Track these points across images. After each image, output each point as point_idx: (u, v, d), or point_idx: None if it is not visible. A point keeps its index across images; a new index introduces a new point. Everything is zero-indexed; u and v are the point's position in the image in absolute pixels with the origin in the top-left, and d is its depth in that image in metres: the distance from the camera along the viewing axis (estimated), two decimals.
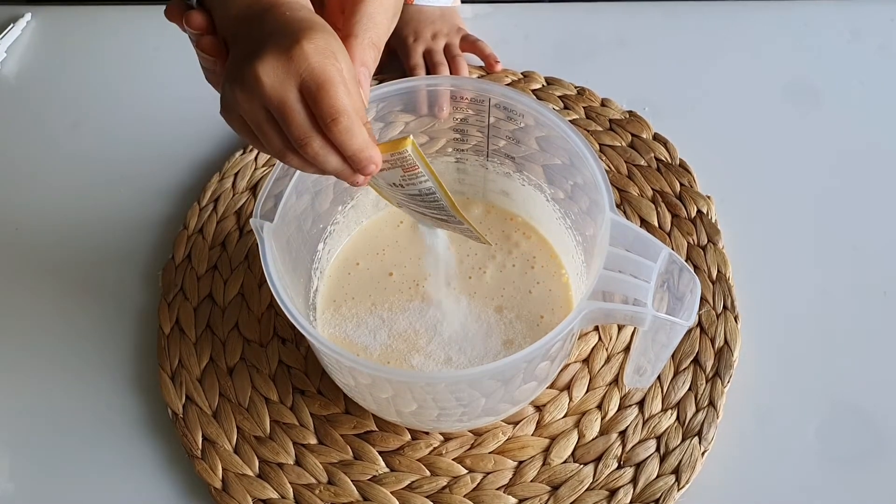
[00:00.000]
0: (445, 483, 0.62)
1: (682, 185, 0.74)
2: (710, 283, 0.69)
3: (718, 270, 0.69)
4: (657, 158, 0.75)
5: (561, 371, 0.65)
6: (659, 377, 0.65)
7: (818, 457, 0.63)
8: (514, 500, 0.61)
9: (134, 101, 0.83)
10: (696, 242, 0.71)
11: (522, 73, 0.82)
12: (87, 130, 0.82)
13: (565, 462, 0.63)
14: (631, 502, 0.61)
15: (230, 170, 0.76)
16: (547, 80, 0.81)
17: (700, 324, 0.67)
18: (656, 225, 0.72)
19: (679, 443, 0.63)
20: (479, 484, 0.62)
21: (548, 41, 0.85)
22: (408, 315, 0.64)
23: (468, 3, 0.89)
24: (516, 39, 0.85)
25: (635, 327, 0.63)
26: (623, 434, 0.63)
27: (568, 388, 0.65)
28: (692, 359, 0.66)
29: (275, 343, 0.68)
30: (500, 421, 0.64)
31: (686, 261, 0.69)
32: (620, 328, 0.68)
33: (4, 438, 0.67)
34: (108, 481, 0.65)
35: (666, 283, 0.52)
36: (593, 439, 0.63)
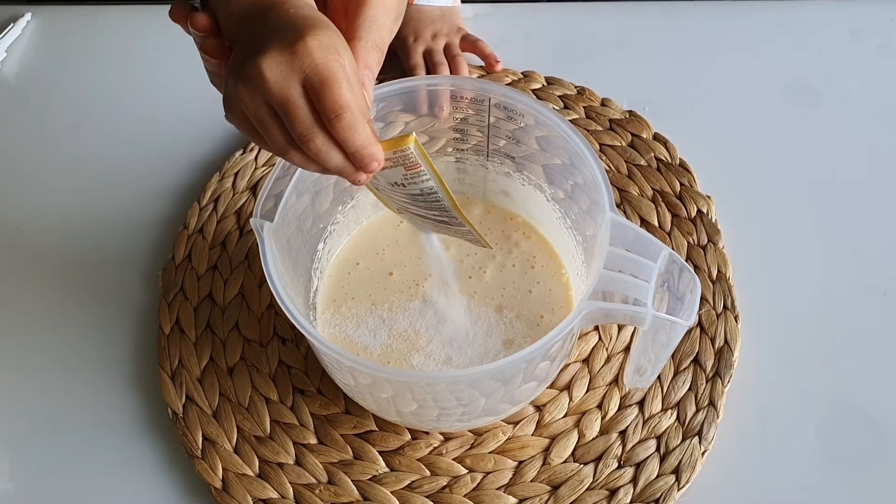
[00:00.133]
0: (445, 483, 0.62)
1: (682, 184, 0.74)
2: (710, 283, 0.69)
3: (718, 270, 0.69)
4: (657, 158, 0.75)
5: (561, 371, 0.65)
6: (659, 377, 0.65)
7: (818, 457, 0.63)
8: (514, 500, 0.61)
9: (134, 101, 0.83)
10: (696, 242, 0.71)
11: (522, 73, 0.82)
12: (87, 130, 0.82)
13: (565, 462, 0.63)
14: (631, 502, 0.61)
15: (230, 170, 0.76)
16: (547, 79, 0.81)
17: (700, 324, 0.67)
18: (656, 225, 0.72)
19: (679, 443, 0.63)
20: (479, 484, 0.62)
21: (548, 41, 0.85)
22: (408, 315, 0.64)
23: (468, 2, 0.89)
24: (516, 39, 0.85)
25: (635, 327, 0.63)
26: (623, 434, 0.63)
27: (568, 388, 0.65)
28: (692, 359, 0.66)
29: (275, 343, 0.68)
30: (500, 421, 0.64)
31: (686, 261, 0.69)
32: (620, 328, 0.68)
33: (4, 438, 0.67)
34: (108, 481, 0.65)
35: (666, 283, 0.52)
36: (593, 439, 0.63)
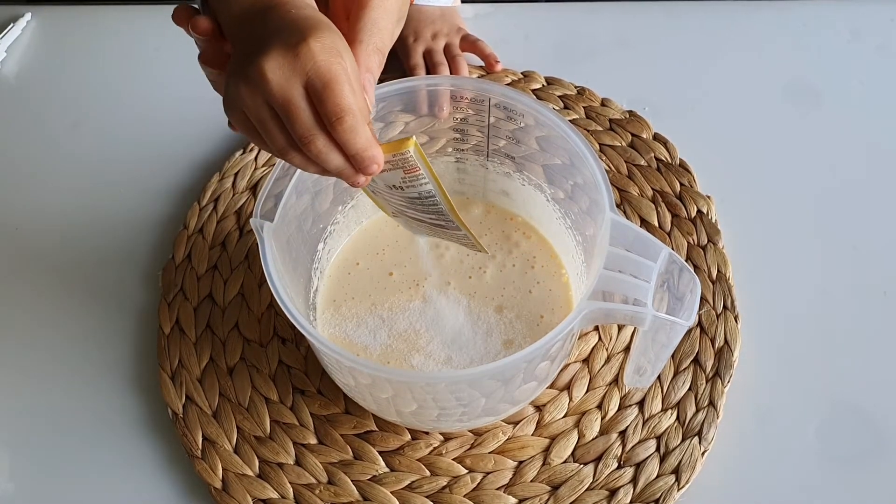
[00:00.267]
0: (445, 483, 0.62)
1: (682, 185, 0.74)
2: (710, 283, 0.69)
3: (718, 270, 0.69)
4: (657, 158, 0.75)
5: (561, 371, 0.65)
6: (659, 377, 0.65)
7: (818, 457, 0.63)
8: (514, 500, 0.61)
9: (134, 102, 0.83)
10: (696, 242, 0.71)
11: (522, 73, 0.82)
12: (87, 130, 0.82)
13: (565, 462, 0.63)
14: (631, 502, 0.61)
15: (230, 170, 0.76)
16: (547, 80, 0.81)
17: (700, 324, 0.67)
18: (656, 225, 0.72)
19: (679, 443, 0.63)
20: (479, 484, 0.62)
21: (548, 41, 0.85)
22: (408, 315, 0.64)
23: (468, 2, 0.89)
24: (516, 39, 0.85)
25: (635, 327, 0.63)
26: (623, 434, 0.63)
27: (568, 388, 0.65)
28: (692, 359, 0.66)
29: (275, 343, 0.68)
30: (500, 421, 0.64)
31: (686, 261, 0.69)
32: (620, 328, 0.68)
33: (4, 438, 0.67)
34: (108, 481, 0.65)
35: (666, 283, 0.52)
36: (593, 439, 0.63)
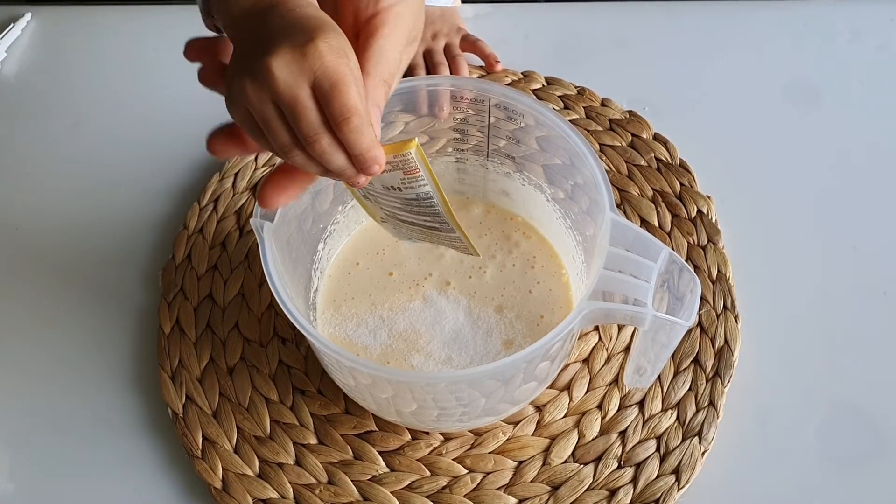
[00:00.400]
0: (445, 483, 0.62)
1: (682, 185, 0.74)
2: (710, 283, 0.69)
3: (718, 270, 0.69)
4: (657, 158, 0.75)
5: (561, 371, 0.65)
6: (659, 377, 0.65)
7: (818, 457, 0.63)
8: (514, 500, 0.61)
9: (134, 102, 0.83)
10: (696, 242, 0.71)
11: (522, 73, 0.82)
12: (87, 130, 0.82)
13: (565, 462, 0.63)
14: (631, 502, 0.61)
15: (230, 170, 0.76)
16: (547, 80, 0.81)
17: (700, 324, 0.67)
18: (656, 225, 0.72)
19: (679, 443, 0.63)
20: (479, 484, 0.62)
21: (548, 41, 0.85)
22: (408, 315, 0.64)
23: (468, 3, 0.89)
24: (516, 39, 0.85)
25: (635, 327, 0.63)
26: (623, 434, 0.63)
27: (568, 388, 0.65)
28: (692, 359, 0.66)
29: (275, 343, 0.68)
30: (500, 421, 0.64)
31: (686, 261, 0.69)
32: (620, 328, 0.68)
33: (4, 438, 0.67)
34: (108, 481, 0.65)
35: (666, 283, 0.52)
36: (593, 439, 0.63)
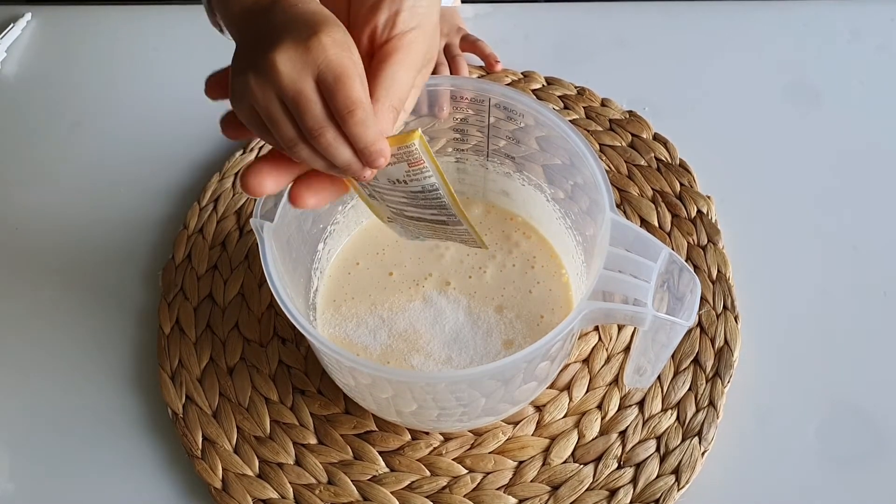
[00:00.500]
0: (445, 483, 0.62)
1: (682, 185, 0.74)
2: (710, 283, 0.69)
3: (718, 270, 0.69)
4: (657, 158, 0.75)
5: (561, 371, 0.65)
6: (659, 377, 0.65)
7: (818, 457, 0.63)
8: (514, 500, 0.61)
9: (134, 102, 0.83)
10: (696, 242, 0.71)
11: (522, 73, 0.82)
12: (87, 130, 0.82)
13: (565, 462, 0.63)
14: (631, 502, 0.61)
15: (230, 170, 0.76)
16: (547, 80, 0.81)
17: (700, 324, 0.67)
18: (656, 225, 0.72)
19: (679, 443, 0.63)
20: (479, 484, 0.62)
21: (548, 41, 0.85)
22: (408, 315, 0.64)
23: (468, 3, 0.89)
24: (516, 39, 0.85)
25: (635, 327, 0.63)
26: (623, 434, 0.63)
27: (568, 388, 0.65)
28: (692, 359, 0.66)
29: (275, 343, 0.68)
30: (500, 421, 0.64)
31: (686, 261, 0.69)
32: (620, 328, 0.68)
33: (4, 438, 0.67)
34: (108, 481, 0.65)
35: (666, 283, 0.52)
36: (593, 439, 0.63)
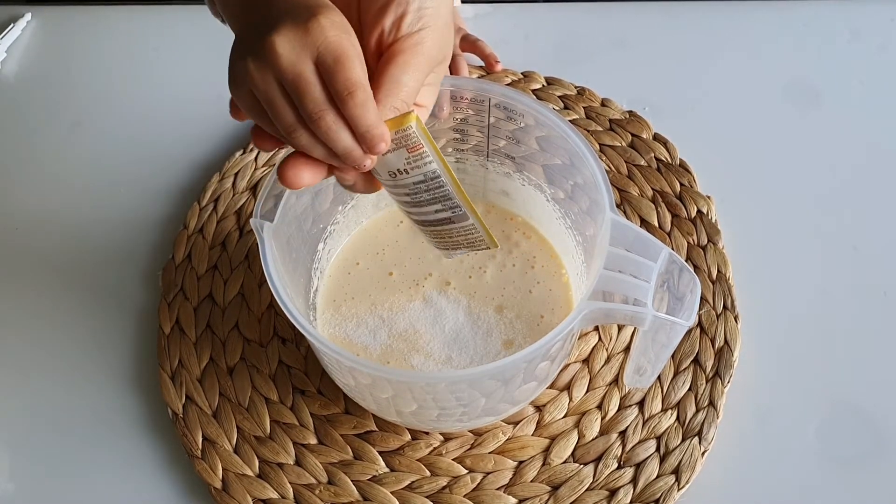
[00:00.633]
0: (445, 483, 0.62)
1: (682, 185, 0.74)
2: (710, 283, 0.69)
3: (718, 270, 0.69)
4: (657, 158, 0.75)
5: (561, 371, 0.65)
6: (659, 377, 0.65)
7: (818, 457, 0.63)
8: (514, 500, 0.61)
9: (134, 102, 0.83)
10: (696, 242, 0.71)
11: (522, 73, 0.82)
12: (87, 130, 0.82)
13: (565, 462, 0.63)
14: (631, 502, 0.61)
15: (230, 170, 0.76)
16: (547, 80, 0.81)
17: (700, 324, 0.67)
18: (656, 225, 0.72)
19: (679, 443, 0.63)
20: (479, 484, 0.62)
21: (548, 41, 0.85)
22: (408, 315, 0.64)
23: (468, 3, 0.89)
24: (516, 39, 0.85)
25: (635, 327, 0.63)
26: (623, 434, 0.63)
27: (568, 388, 0.65)
28: (692, 359, 0.66)
29: (275, 343, 0.68)
30: (500, 421, 0.64)
31: (686, 261, 0.69)
32: (620, 328, 0.68)
33: (4, 438, 0.67)
34: (108, 481, 0.65)
35: (666, 283, 0.52)
36: (593, 439, 0.63)
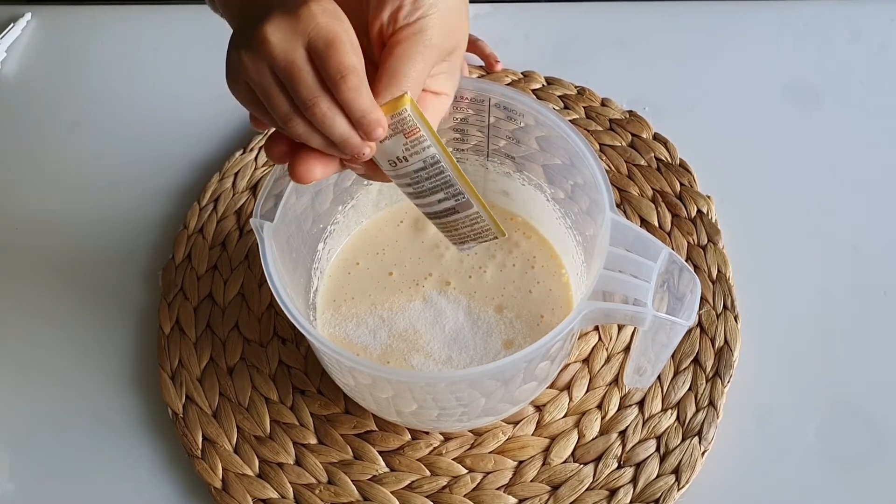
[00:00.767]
0: (445, 483, 0.62)
1: (682, 185, 0.74)
2: (710, 283, 0.69)
3: (718, 270, 0.69)
4: (657, 158, 0.75)
5: (561, 371, 0.65)
6: (659, 377, 0.65)
7: (818, 457, 0.63)
8: (514, 500, 0.61)
9: (134, 102, 0.83)
10: (696, 242, 0.71)
11: (522, 73, 0.82)
12: (87, 130, 0.82)
13: (565, 462, 0.63)
14: (631, 502, 0.61)
15: (230, 170, 0.76)
16: (547, 80, 0.81)
17: (700, 324, 0.67)
18: (656, 225, 0.72)
19: (679, 443, 0.63)
20: (479, 484, 0.62)
21: (548, 41, 0.85)
22: (408, 315, 0.64)
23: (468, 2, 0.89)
24: (516, 39, 0.85)
25: (635, 327, 0.63)
26: (623, 434, 0.63)
27: (568, 388, 0.65)
28: (692, 359, 0.66)
29: (275, 343, 0.68)
30: (500, 421, 0.64)
31: (686, 261, 0.69)
32: (620, 328, 0.68)
33: (4, 438, 0.67)
34: (108, 481, 0.65)
35: (666, 283, 0.52)
36: (593, 439, 0.63)
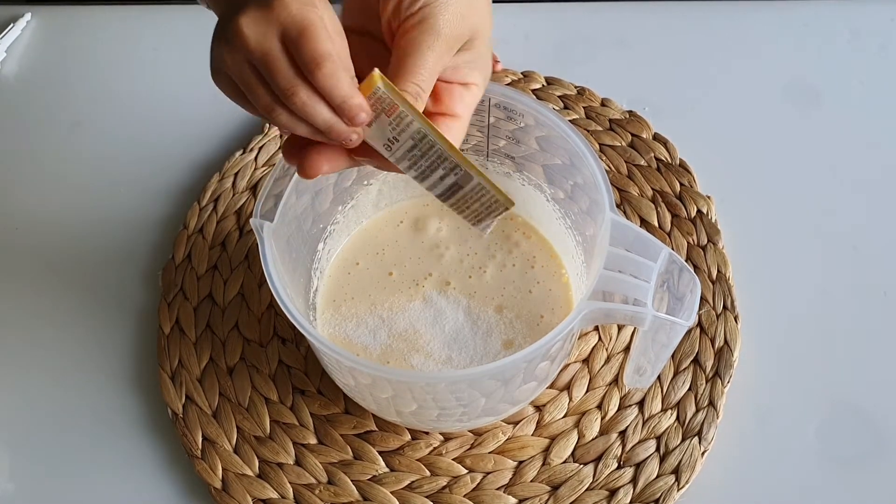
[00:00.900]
0: (445, 483, 0.62)
1: (682, 185, 0.74)
2: (710, 283, 0.69)
3: (718, 270, 0.69)
4: (657, 158, 0.75)
5: (561, 371, 0.65)
6: (659, 377, 0.65)
7: (818, 457, 0.63)
8: (514, 500, 0.61)
9: (134, 102, 0.83)
10: (696, 242, 0.71)
11: (522, 73, 0.82)
12: (87, 130, 0.82)
13: (565, 462, 0.63)
14: (631, 502, 0.61)
15: (230, 170, 0.76)
16: (547, 80, 0.81)
17: (700, 324, 0.67)
18: (656, 225, 0.72)
19: (679, 443, 0.63)
20: (479, 484, 0.62)
21: (548, 41, 0.85)
22: (408, 315, 0.64)
23: None
24: (516, 39, 0.85)
25: (635, 327, 0.63)
26: (623, 434, 0.63)
27: (568, 388, 0.65)
28: (692, 359, 0.66)
29: (275, 343, 0.68)
30: (500, 421, 0.64)
31: (686, 261, 0.69)
32: (620, 328, 0.68)
33: (4, 438, 0.67)
34: (108, 481, 0.65)
35: (666, 283, 0.52)
36: (593, 439, 0.63)
